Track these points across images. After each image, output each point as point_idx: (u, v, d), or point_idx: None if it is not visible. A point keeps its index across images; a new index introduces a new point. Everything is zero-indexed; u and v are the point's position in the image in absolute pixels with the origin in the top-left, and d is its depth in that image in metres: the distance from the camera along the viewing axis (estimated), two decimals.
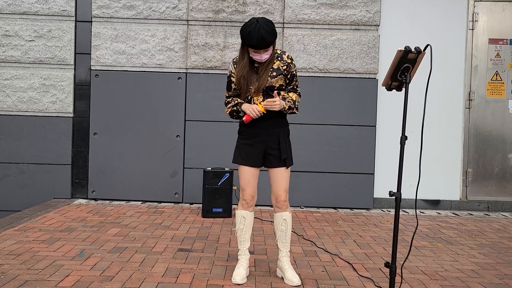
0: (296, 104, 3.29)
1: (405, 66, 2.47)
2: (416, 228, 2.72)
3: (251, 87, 3.21)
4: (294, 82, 3.31)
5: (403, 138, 2.48)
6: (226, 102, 3.37)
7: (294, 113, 3.32)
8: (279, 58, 3.25)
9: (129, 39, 6.01)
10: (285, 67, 3.24)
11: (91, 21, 6.02)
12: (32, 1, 5.98)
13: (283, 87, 3.27)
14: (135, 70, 6.03)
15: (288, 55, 3.27)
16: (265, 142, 3.26)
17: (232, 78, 3.30)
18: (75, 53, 6.05)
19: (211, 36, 6.01)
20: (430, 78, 2.61)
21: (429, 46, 2.49)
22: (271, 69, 3.21)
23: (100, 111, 6.03)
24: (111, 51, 6.00)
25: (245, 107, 3.22)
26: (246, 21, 5.89)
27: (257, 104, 3.20)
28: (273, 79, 3.22)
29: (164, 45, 6.01)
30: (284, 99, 3.24)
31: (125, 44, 6.00)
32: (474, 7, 6.14)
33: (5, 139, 6.02)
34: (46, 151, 6.02)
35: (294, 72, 3.29)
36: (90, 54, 6.03)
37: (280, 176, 3.27)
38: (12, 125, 6.02)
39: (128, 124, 6.04)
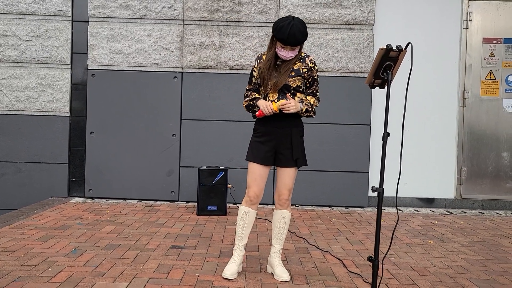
0: (314, 108, 3.32)
1: (387, 64, 2.51)
2: (397, 223, 2.76)
3: (269, 82, 3.25)
4: (314, 87, 3.35)
5: (385, 135, 2.52)
6: (245, 95, 3.40)
7: (311, 116, 3.34)
8: (302, 60, 3.29)
9: (125, 39, 6.05)
10: (305, 70, 3.28)
11: (88, 21, 6.08)
12: (29, 1, 6.04)
13: (300, 89, 3.30)
14: (131, 69, 6.08)
15: (311, 60, 3.30)
16: (277, 140, 3.28)
17: (254, 72, 3.35)
18: (72, 53, 6.10)
19: (206, 36, 6.05)
20: (410, 75, 2.63)
21: (410, 45, 2.52)
22: (291, 69, 3.26)
23: (97, 110, 6.08)
24: (107, 51, 6.05)
25: (260, 102, 3.25)
26: (242, 20, 6.02)
27: (272, 102, 3.24)
28: (290, 79, 3.25)
29: (160, 45, 6.05)
30: (301, 101, 3.28)
31: (121, 44, 6.05)
32: (468, 6, 6.18)
33: (2, 138, 6.07)
34: (43, 150, 6.07)
35: (316, 77, 3.33)
36: (86, 53, 6.09)
37: (287, 175, 3.31)
38: (9, 124, 6.07)
39: (125, 123, 6.09)
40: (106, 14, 6.04)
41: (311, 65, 3.29)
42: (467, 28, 6.18)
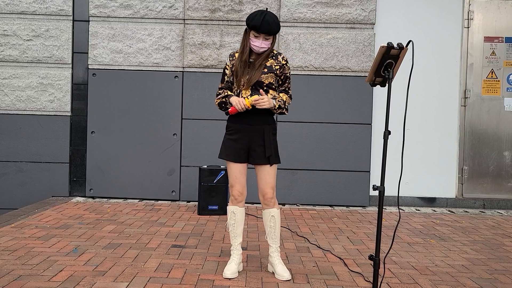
0: (287, 105, 3.34)
1: (388, 62, 2.50)
2: (398, 222, 2.75)
3: (242, 79, 3.26)
4: (286, 84, 3.37)
5: (386, 133, 2.51)
6: (218, 93, 3.42)
7: (284, 113, 3.35)
8: (274, 58, 3.32)
9: (126, 38, 6.05)
10: (278, 67, 3.30)
11: (88, 21, 6.08)
12: (30, 0, 6.03)
13: (273, 86, 3.32)
14: (132, 69, 6.08)
15: (283, 57, 3.33)
16: (249, 138, 3.29)
17: (226, 70, 3.37)
18: (73, 52, 6.10)
19: (207, 35, 6.05)
20: (412, 73, 2.62)
21: (411, 42, 2.51)
22: (264, 66, 3.27)
23: (98, 109, 6.08)
24: (108, 50, 6.05)
25: (233, 99, 3.27)
26: (243, 19, 6.01)
27: (244, 98, 3.24)
28: (263, 75, 3.26)
29: (160, 44, 6.05)
30: (274, 98, 3.28)
31: (122, 43, 6.05)
32: (470, 5, 6.16)
33: (3, 138, 6.07)
34: (44, 150, 6.07)
35: (288, 74, 3.36)
36: (87, 53, 6.08)
37: (266, 173, 3.30)
38: (10, 124, 6.07)
39: (125, 122, 6.09)
40: (107, 13, 6.04)
41: (283, 62, 3.32)
42: (468, 27, 6.16)
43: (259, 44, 3.22)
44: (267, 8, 3.27)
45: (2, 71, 6.07)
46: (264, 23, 3.14)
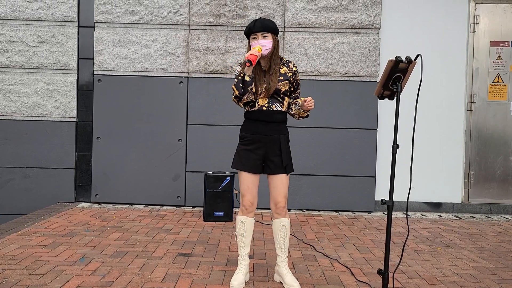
0: None
1: (396, 75, 2.49)
2: (408, 235, 2.74)
3: (259, 87, 3.27)
4: (298, 90, 3.47)
5: (395, 147, 2.50)
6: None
7: (307, 116, 3.44)
8: (286, 65, 3.37)
9: (131, 44, 6.06)
10: (290, 74, 3.36)
11: (94, 27, 6.08)
12: (35, 7, 6.05)
13: (287, 93, 3.37)
14: (137, 74, 6.08)
15: (294, 64, 3.42)
16: (266, 148, 3.30)
17: (240, 77, 3.29)
18: (78, 58, 6.11)
19: (212, 41, 6.04)
20: (420, 87, 2.61)
21: (419, 56, 2.50)
22: (279, 74, 3.30)
23: (103, 115, 6.09)
24: (113, 56, 6.06)
25: (247, 55, 3.14)
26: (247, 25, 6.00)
27: (252, 48, 3.21)
28: (280, 83, 3.31)
29: (165, 50, 6.05)
30: (297, 103, 3.38)
31: (127, 49, 6.06)
32: (475, 9, 6.14)
33: (9, 143, 6.09)
34: (49, 156, 6.09)
35: (299, 81, 3.46)
36: (92, 59, 6.09)
37: (281, 182, 3.31)
38: (16, 129, 6.09)
39: (131, 128, 6.09)
40: (112, 19, 6.05)
41: (295, 69, 3.40)
42: (474, 32, 6.14)
43: (257, 43, 3.24)
44: (261, 17, 3.39)
45: (8, 77, 6.08)
46: (257, 22, 3.25)
